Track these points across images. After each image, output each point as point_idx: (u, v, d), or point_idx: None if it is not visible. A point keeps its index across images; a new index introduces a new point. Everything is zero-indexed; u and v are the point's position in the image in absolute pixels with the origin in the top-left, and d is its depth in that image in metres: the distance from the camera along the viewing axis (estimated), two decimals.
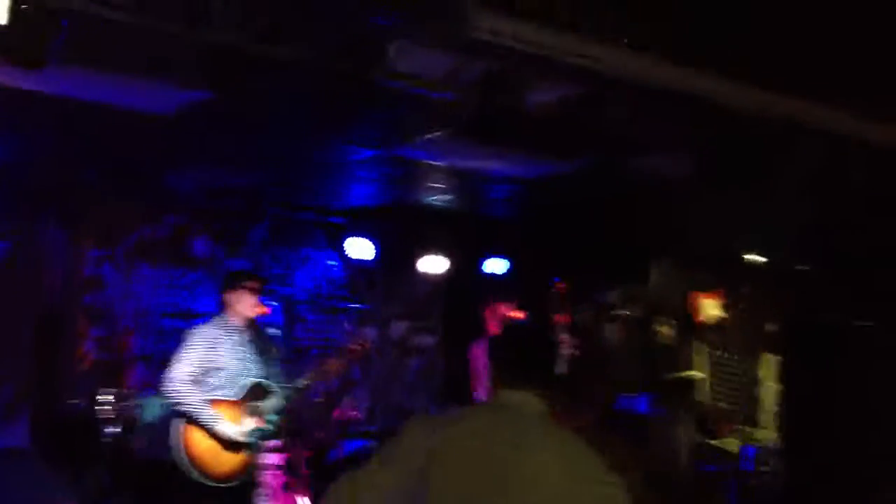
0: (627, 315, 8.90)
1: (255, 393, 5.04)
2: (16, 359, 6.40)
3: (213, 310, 5.57)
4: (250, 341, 5.11)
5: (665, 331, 8.68)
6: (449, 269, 7.94)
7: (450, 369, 8.06)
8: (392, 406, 7.90)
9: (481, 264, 8.13)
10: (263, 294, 5.18)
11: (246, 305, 5.05)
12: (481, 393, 5.71)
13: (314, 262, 7.80)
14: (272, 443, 5.86)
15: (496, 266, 8.18)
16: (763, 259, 8.17)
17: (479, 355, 5.76)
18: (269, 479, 5.97)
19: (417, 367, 8.30)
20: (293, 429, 6.14)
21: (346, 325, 7.77)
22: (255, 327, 5.19)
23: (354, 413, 6.81)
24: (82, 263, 6.73)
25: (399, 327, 8.13)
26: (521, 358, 2.50)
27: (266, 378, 5.12)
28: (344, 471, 2.41)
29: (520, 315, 5.78)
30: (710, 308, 6.26)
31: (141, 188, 6.79)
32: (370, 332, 7.88)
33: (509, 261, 8.18)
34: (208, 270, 7.18)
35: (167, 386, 4.84)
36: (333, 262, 7.85)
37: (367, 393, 7.88)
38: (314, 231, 7.73)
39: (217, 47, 3.72)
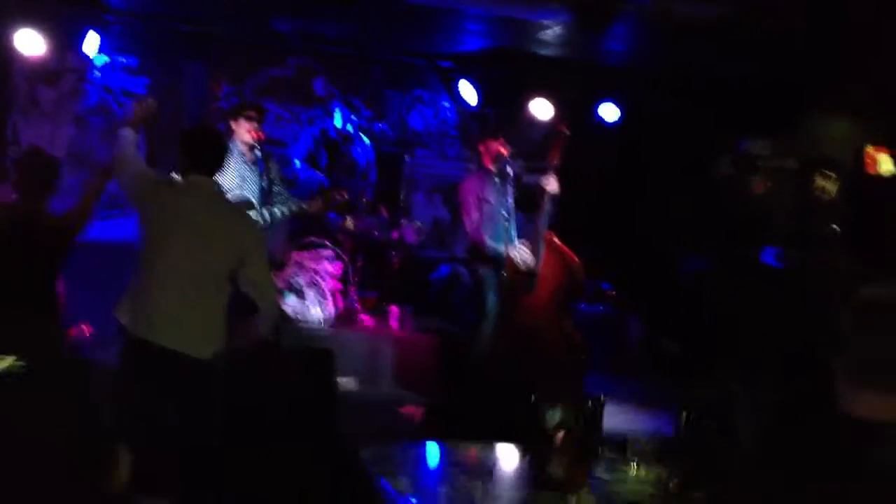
0: (777, 166, 8.52)
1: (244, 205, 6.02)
2: None
3: None
4: (251, 163, 6.05)
5: (825, 185, 8.26)
6: (559, 114, 8.17)
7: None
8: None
9: (594, 110, 8.25)
10: (260, 122, 6.04)
11: (244, 131, 5.99)
12: (466, 223, 6.24)
13: (426, 103, 8.49)
14: (327, 252, 6.99)
15: (609, 112, 8.26)
16: None
17: (467, 189, 6.29)
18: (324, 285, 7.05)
19: None
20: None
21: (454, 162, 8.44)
22: (260, 151, 6.08)
23: (413, 237, 7.56)
24: (216, 98, 8.07)
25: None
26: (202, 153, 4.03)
27: (268, 191, 6.04)
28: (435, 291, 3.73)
29: (504, 151, 6.15)
30: (886, 163, 5.83)
31: (264, 33, 7.91)
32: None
33: (620, 108, 8.21)
34: (325, 108, 8.22)
35: None
36: (446, 104, 8.48)
37: None
38: (426, 74, 8.39)
39: None
